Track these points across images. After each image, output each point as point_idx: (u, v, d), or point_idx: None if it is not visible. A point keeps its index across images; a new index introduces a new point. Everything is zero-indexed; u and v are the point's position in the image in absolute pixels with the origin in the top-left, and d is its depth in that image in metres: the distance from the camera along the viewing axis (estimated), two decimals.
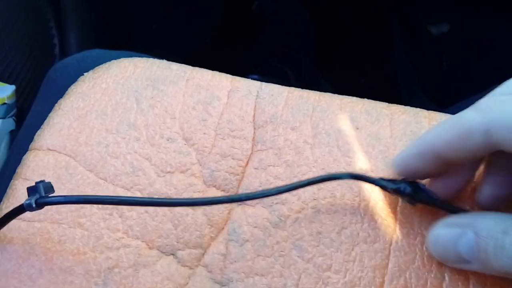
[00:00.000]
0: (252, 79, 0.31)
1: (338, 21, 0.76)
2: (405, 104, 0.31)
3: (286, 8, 0.76)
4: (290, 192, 0.26)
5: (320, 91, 0.31)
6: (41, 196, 0.22)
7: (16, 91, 0.45)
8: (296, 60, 0.76)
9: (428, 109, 0.30)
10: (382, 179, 0.25)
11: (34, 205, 0.22)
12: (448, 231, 0.23)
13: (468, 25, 0.64)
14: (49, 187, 0.22)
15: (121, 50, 0.36)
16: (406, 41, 0.72)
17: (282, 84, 0.31)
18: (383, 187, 0.25)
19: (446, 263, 0.24)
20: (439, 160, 0.23)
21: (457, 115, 0.22)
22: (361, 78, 0.73)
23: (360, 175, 0.25)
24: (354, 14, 0.74)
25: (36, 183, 0.22)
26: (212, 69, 0.32)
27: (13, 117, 0.44)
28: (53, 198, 0.22)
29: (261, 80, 0.31)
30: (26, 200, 0.22)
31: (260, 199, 0.26)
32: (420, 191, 0.24)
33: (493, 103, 0.21)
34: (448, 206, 0.24)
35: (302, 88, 0.31)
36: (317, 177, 0.25)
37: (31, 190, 0.22)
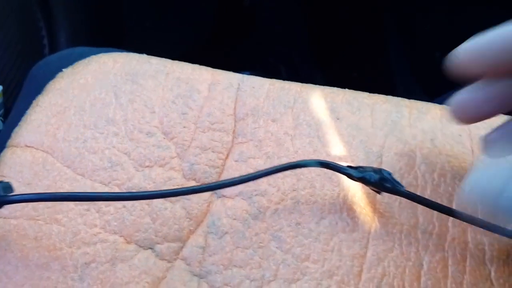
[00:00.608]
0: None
1: (332, 16, 0.75)
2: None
3: (279, 4, 0.76)
4: (270, 183, 0.26)
5: None
6: None
7: (4, 91, 0.45)
8: (290, 57, 0.76)
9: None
10: (349, 167, 0.24)
11: None
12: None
13: (460, 18, 0.63)
14: (8, 187, 0.23)
15: (105, 47, 0.36)
16: (399, 36, 0.71)
17: None
18: (349, 175, 0.24)
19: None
20: (506, 62, 0.19)
21: None
22: (355, 73, 0.73)
23: (326, 162, 0.24)
24: (348, 9, 0.74)
25: None
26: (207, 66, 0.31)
27: (1, 118, 0.44)
28: (11, 197, 0.22)
29: None
30: None
31: (240, 190, 0.26)
32: (386, 181, 0.23)
33: None
34: (414, 196, 0.24)
35: None
36: (285, 164, 0.24)
37: None
